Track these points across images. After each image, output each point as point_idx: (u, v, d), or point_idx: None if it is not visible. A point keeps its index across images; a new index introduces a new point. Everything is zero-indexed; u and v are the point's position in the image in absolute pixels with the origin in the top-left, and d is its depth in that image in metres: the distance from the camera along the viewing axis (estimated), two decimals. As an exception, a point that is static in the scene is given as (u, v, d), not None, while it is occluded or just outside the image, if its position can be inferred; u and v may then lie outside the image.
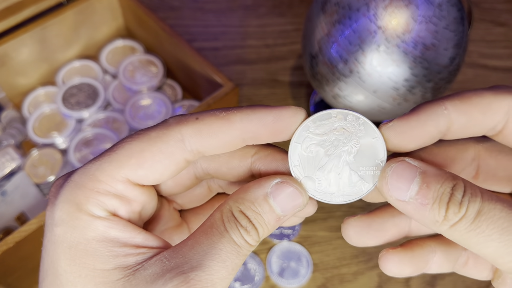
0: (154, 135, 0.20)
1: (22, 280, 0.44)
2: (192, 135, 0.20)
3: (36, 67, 0.57)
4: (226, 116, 0.20)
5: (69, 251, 0.19)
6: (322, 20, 0.44)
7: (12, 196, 0.49)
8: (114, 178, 0.19)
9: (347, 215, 0.52)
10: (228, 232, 0.19)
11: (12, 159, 0.50)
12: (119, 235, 0.19)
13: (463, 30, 0.42)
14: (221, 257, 0.18)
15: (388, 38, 0.40)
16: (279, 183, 0.20)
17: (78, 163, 0.51)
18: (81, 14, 0.57)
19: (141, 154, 0.20)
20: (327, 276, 0.48)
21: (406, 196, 0.19)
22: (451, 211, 0.18)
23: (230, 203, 0.20)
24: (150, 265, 0.19)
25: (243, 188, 0.20)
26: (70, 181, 0.20)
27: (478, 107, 0.20)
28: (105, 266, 0.19)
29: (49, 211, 0.20)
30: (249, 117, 0.20)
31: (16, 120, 0.55)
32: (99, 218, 0.19)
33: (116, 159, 0.20)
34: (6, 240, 0.38)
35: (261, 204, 0.19)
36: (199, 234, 0.19)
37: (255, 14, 0.70)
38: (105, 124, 0.55)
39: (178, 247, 0.19)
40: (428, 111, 0.20)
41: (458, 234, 0.18)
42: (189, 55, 0.53)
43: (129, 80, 0.58)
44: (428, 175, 0.19)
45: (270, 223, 0.20)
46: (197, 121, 0.20)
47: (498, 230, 0.17)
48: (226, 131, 0.20)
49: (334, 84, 0.45)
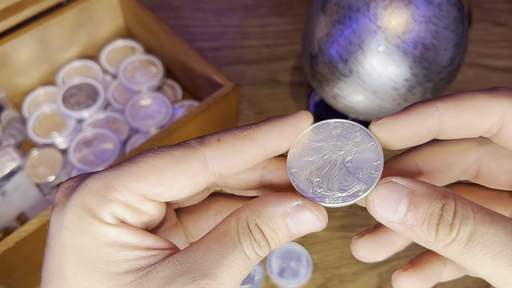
0: (178, 155, 0.20)
1: (22, 280, 0.44)
2: (216, 158, 0.20)
3: (36, 67, 0.57)
4: (248, 135, 0.20)
5: (80, 255, 0.19)
6: (322, 20, 0.44)
7: (12, 196, 0.49)
8: (130, 190, 0.19)
9: (347, 215, 0.52)
10: (241, 244, 0.19)
11: (12, 159, 0.50)
12: (130, 239, 0.19)
13: (463, 30, 0.42)
14: (232, 268, 0.19)
15: (388, 38, 0.40)
16: (300, 206, 0.20)
17: (78, 163, 0.51)
18: (81, 14, 0.57)
19: (162, 172, 0.19)
20: (327, 276, 0.48)
21: (394, 218, 0.19)
22: (441, 232, 0.18)
23: (247, 214, 0.20)
24: (162, 267, 0.19)
25: (262, 201, 0.20)
26: (85, 185, 0.20)
27: (471, 110, 0.20)
28: (117, 270, 0.19)
29: (58, 212, 0.20)
30: (269, 133, 0.20)
31: (16, 120, 0.55)
32: (109, 225, 0.19)
33: (136, 172, 0.19)
34: (6, 240, 0.38)
35: (278, 222, 0.20)
36: (213, 240, 0.19)
37: (255, 14, 0.70)
38: (105, 124, 0.55)
39: (191, 250, 0.19)
40: (417, 111, 0.20)
41: (451, 254, 0.18)
42: (189, 55, 0.53)
43: (129, 80, 0.58)
44: (416, 195, 0.18)
45: (283, 240, 0.20)
46: (220, 142, 0.20)
47: (491, 255, 0.17)
48: (249, 150, 0.20)
49: (334, 84, 0.45)
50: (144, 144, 0.45)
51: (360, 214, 0.52)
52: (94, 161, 0.52)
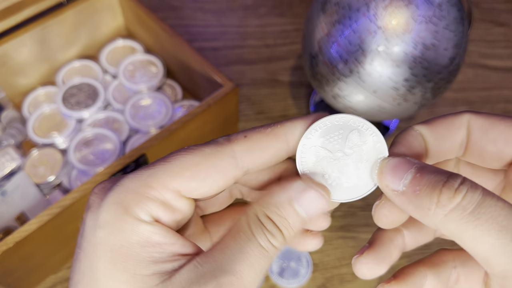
0: (209, 151, 0.21)
1: (22, 280, 0.44)
2: (244, 153, 0.21)
3: (36, 67, 0.57)
4: (273, 132, 0.21)
5: (111, 254, 0.19)
6: (322, 20, 0.44)
7: (12, 196, 0.49)
8: (166, 187, 0.20)
9: (347, 215, 0.52)
10: (255, 236, 0.19)
11: (12, 159, 0.50)
12: (160, 241, 0.20)
13: (463, 30, 0.42)
14: (250, 261, 0.19)
15: (388, 38, 0.40)
16: (303, 188, 0.21)
17: (78, 163, 0.51)
18: (81, 14, 0.57)
19: (196, 167, 0.20)
20: (327, 276, 0.48)
21: (400, 185, 0.19)
22: (444, 196, 0.18)
23: (255, 208, 0.20)
24: (185, 270, 0.19)
25: (268, 192, 0.21)
26: (120, 185, 0.20)
27: (442, 125, 0.22)
28: (144, 271, 0.19)
29: (92, 212, 0.20)
30: (292, 130, 0.21)
31: (16, 120, 0.55)
32: (144, 222, 0.19)
33: (171, 169, 0.20)
34: (6, 240, 0.38)
35: (286, 208, 0.20)
36: (228, 239, 0.20)
37: (255, 14, 0.70)
38: (105, 124, 0.55)
39: (209, 252, 0.20)
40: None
41: (453, 225, 0.18)
42: (189, 55, 0.53)
43: (129, 80, 0.58)
44: (424, 169, 0.19)
45: (295, 226, 0.21)
46: (247, 139, 0.21)
47: (497, 226, 0.17)
48: (274, 145, 0.21)
49: (334, 84, 0.45)
50: (144, 144, 0.45)
51: (360, 214, 0.52)
52: (94, 161, 0.52)
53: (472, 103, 0.62)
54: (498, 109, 0.62)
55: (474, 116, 0.21)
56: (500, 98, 0.63)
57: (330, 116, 0.22)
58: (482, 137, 0.21)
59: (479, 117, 0.21)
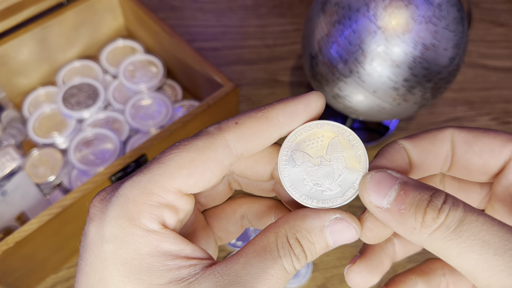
0: (201, 144, 0.20)
1: (22, 280, 0.44)
2: (237, 140, 0.21)
3: (36, 67, 0.57)
4: (264, 115, 0.21)
5: (123, 267, 0.19)
6: (322, 20, 0.44)
7: (12, 196, 0.49)
8: (166, 190, 0.20)
9: (347, 215, 0.52)
10: (281, 258, 0.19)
11: (12, 159, 0.50)
12: (170, 248, 0.20)
13: (462, 30, 0.42)
14: (271, 282, 0.19)
15: (388, 38, 0.40)
16: (338, 219, 0.21)
17: (78, 163, 0.51)
18: (81, 14, 0.57)
19: (192, 164, 0.20)
20: (327, 276, 0.48)
21: (383, 202, 0.19)
22: (429, 216, 0.18)
23: (286, 228, 0.20)
24: (204, 279, 0.19)
25: (300, 215, 0.21)
26: (119, 195, 0.20)
27: (426, 139, 0.22)
28: (160, 281, 0.19)
29: (96, 227, 0.20)
30: (284, 111, 0.21)
31: (17, 120, 0.55)
32: (152, 232, 0.19)
33: (168, 171, 0.20)
34: (6, 240, 0.39)
35: (317, 235, 0.20)
36: (252, 254, 0.20)
37: (255, 14, 0.70)
38: (105, 124, 0.55)
39: (230, 263, 0.20)
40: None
41: (437, 243, 0.18)
42: (189, 55, 0.53)
43: (129, 80, 0.58)
44: (408, 185, 0.19)
45: (319, 252, 0.21)
46: (238, 125, 0.21)
47: (479, 242, 0.17)
48: (266, 129, 0.21)
49: (334, 84, 0.45)
50: (144, 144, 0.45)
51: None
52: (94, 161, 0.52)
53: (472, 103, 0.63)
54: (497, 109, 0.62)
55: (458, 130, 0.22)
56: (500, 98, 0.63)
57: (313, 122, 0.22)
58: (467, 150, 0.21)
59: (462, 131, 0.21)
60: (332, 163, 0.21)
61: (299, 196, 0.22)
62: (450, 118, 0.61)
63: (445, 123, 0.60)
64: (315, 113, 0.22)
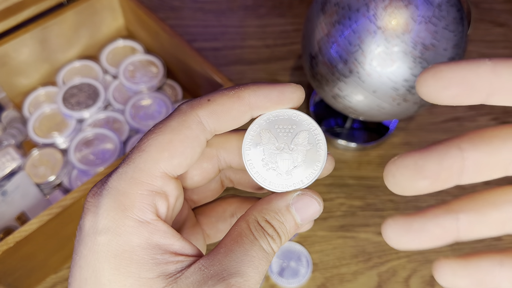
0: (176, 124, 0.21)
1: (22, 280, 0.44)
2: (209, 116, 0.21)
3: (36, 67, 0.57)
4: (236, 94, 0.22)
5: (114, 260, 0.19)
6: (322, 21, 0.44)
7: (12, 196, 0.49)
8: (153, 176, 0.20)
9: (347, 215, 0.52)
10: (258, 240, 0.20)
11: (12, 159, 0.50)
12: (160, 241, 0.20)
13: (462, 30, 0.42)
14: (255, 263, 0.20)
15: (388, 38, 0.40)
16: (299, 195, 0.22)
17: (79, 163, 0.51)
18: (81, 14, 0.57)
19: (171, 145, 0.21)
20: (327, 275, 0.48)
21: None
22: None
23: (254, 214, 0.21)
24: (190, 273, 0.19)
25: (266, 200, 0.22)
26: (109, 188, 0.20)
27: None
28: (149, 275, 0.19)
29: (90, 220, 0.20)
30: (256, 93, 0.22)
31: (17, 120, 0.55)
32: (144, 223, 0.20)
33: (150, 157, 0.20)
34: (7, 240, 0.39)
35: (284, 214, 0.21)
36: (230, 243, 0.20)
37: (255, 14, 0.70)
38: (106, 124, 0.55)
39: (212, 255, 0.20)
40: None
41: None
42: (189, 55, 0.53)
43: (129, 80, 0.58)
44: None
45: (290, 231, 0.22)
46: (210, 102, 0.21)
47: None
48: (238, 107, 0.22)
49: (333, 84, 0.45)
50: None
51: (360, 214, 0.52)
52: (94, 161, 0.52)
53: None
54: (498, 109, 0.62)
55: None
56: (500, 98, 0.63)
57: (292, 110, 0.23)
58: None
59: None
60: (293, 153, 0.23)
61: (250, 164, 0.23)
62: (450, 118, 0.61)
63: (445, 123, 0.60)
64: (289, 103, 0.22)
